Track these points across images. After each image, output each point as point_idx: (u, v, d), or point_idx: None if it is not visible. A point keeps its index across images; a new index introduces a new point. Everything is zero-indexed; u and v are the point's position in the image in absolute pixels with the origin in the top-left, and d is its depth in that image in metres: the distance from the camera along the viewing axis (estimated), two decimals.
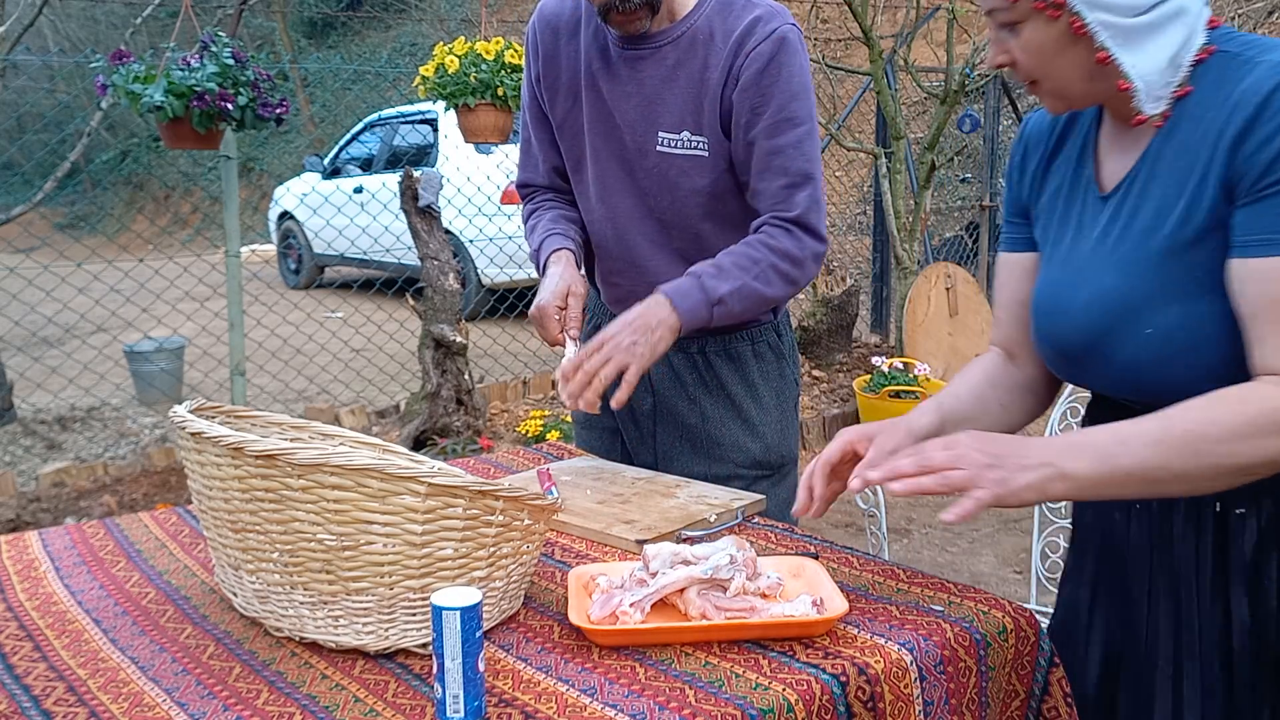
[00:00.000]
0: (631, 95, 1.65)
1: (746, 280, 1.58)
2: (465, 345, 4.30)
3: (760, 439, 1.76)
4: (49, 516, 3.82)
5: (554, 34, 1.73)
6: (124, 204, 17.16)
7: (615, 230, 1.74)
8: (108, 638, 1.12)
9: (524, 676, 1.03)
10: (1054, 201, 1.28)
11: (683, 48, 1.61)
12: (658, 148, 1.65)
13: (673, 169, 1.65)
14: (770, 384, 1.78)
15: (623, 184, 1.70)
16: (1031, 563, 2.19)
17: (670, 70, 1.62)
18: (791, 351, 1.84)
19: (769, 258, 1.59)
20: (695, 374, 1.76)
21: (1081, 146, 1.26)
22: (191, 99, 3.38)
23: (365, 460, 1.01)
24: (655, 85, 1.63)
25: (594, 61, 1.68)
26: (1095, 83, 1.13)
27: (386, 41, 16.47)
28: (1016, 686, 1.16)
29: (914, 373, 4.86)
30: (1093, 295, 1.17)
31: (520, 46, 3.76)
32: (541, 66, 1.75)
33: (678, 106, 1.62)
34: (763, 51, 1.56)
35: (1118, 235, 1.17)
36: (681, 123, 1.63)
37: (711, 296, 1.56)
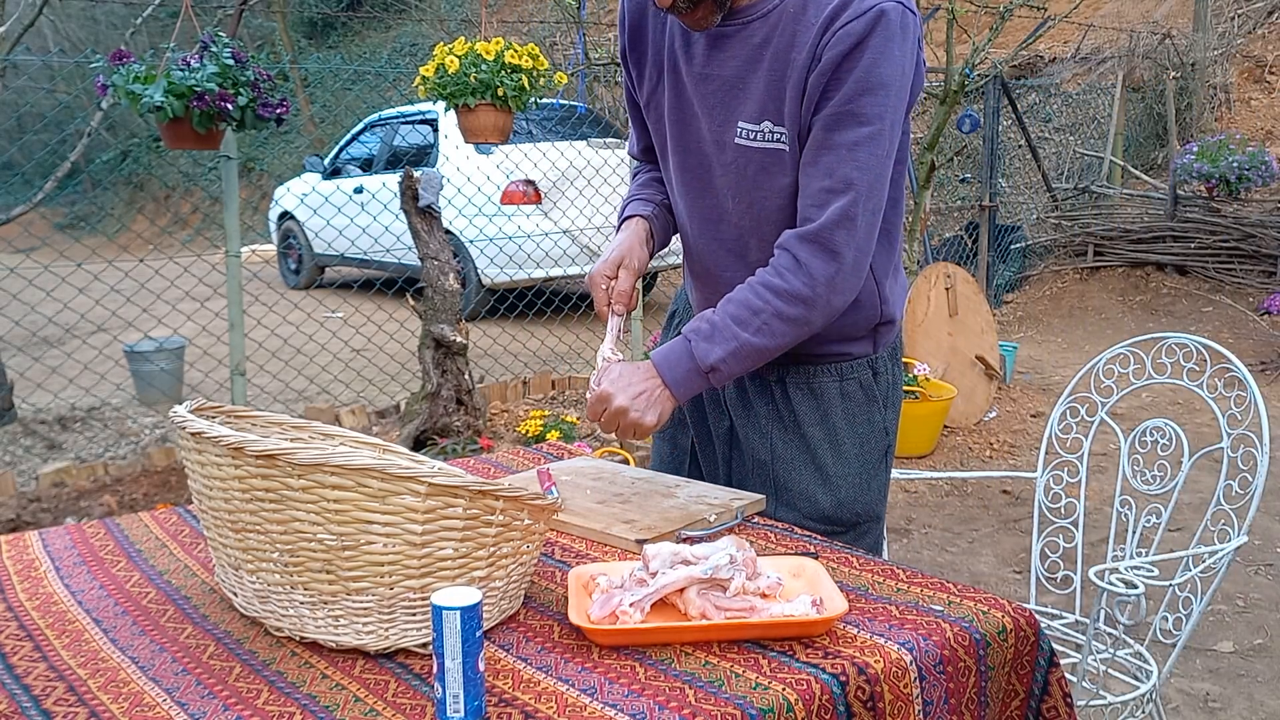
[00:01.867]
0: (711, 78, 1.46)
1: (744, 338, 1.40)
2: (465, 345, 4.30)
3: (833, 492, 1.54)
4: (49, 516, 3.82)
5: (640, 7, 1.55)
6: (124, 204, 17.16)
7: (694, 231, 1.59)
8: (108, 638, 1.12)
9: (524, 676, 1.03)
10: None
11: (771, 23, 1.41)
12: (736, 140, 1.46)
13: (751, 165, 1.46)
14: (856, 430, 1.55)
15: (701, 182, 1.54)
16: (1031, 563, 2.19)
17: (755, 50, 1.42)
18: (890, 394, 1.59)
19: (771, 305, 1.40)
20: (769, 404, 1.57)
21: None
22: (192, 99, 3.38)
23: (365, 460, 1.01)
24: (738, 68, 1.44)
25: (676, 39, 1.50)
26: None
27: (386, 42, 16.46)
28: (1016, 686, 1.16)
29: (913, 373, 4.85)
30: None
31: (520, 47, 3.76)
32: (628, 40, 1.57)
33: (759, 93, 1.42)
34: (853, 30, 1.34)
35: None
36: (763, 111, 1.43)
37: (702, 365, 1.40)
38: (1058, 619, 2.19)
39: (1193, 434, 2.06)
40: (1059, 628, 2.16)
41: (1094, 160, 9.00)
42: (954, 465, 4.72)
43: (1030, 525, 2.27)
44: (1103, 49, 9.75)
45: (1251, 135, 8.76)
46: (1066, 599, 2.23)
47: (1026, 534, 3.75)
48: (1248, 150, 7.20)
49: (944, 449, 4.91)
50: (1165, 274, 7.85)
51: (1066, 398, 2.22)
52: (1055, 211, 8.57)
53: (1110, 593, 1.59)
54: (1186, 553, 1.78)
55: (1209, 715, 2.61)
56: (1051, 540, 2.23)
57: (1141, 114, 9.52)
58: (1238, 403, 1.98)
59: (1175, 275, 7.82)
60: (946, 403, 4.84)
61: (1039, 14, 6.87)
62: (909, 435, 4.78)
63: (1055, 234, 8.41)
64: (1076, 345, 6.92)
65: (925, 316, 5.31)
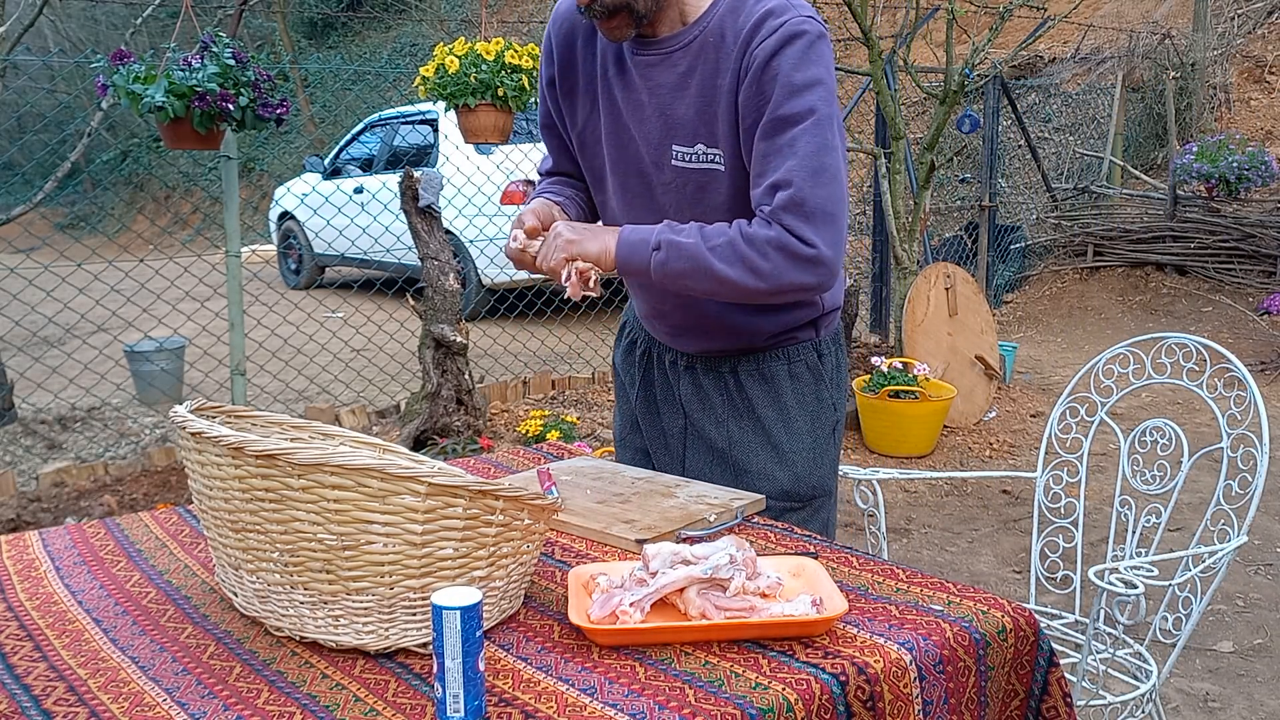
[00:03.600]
0: (645, 104, 1.53)
1: (699, 245, 1.43)
2: (465, 345, 4.30)
3: (789, 468, 1.63)
4: (49, 516, 3.82)
5: (569, 35, 1.60)
6: (124, 204, 17.15)
7: None
8: (108, 637, 1.13)
9: (524, 676, 1.03)
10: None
11: (694, 53, 1.48)
12: (673, 161, 1.52)
13: (690, 184, 1.53)
14: (805, 409, 1.65)
15: (643, 200, 1.59)
16: (1031, 563, 2.19)
17: (681, 78, 1.49)
18: (834, 375, 1.69)
19: (732, 235, 1.43)
20: (724, 395, 1.66)
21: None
22: (192, 99, 3.38)
23: (365, 460, 1.01)
24: (667, 94, 1.51)
25: (609, 66, 1.56)
26: None
27: (387, 42, 16.46)
28: (1016, 686, 1.16)
29: (913, 372, 4.86)
30: None
31: (520, 47, 3.76)
32: (558, 71, 1.63)
33: (691, 117, 1.50)
34: (768, 46, 1.41)
35: None
36: (695, 135, 1.50)
37: (655, 239, 1.44)
38: (1058, 619, 2.19)
39: (1192, 434, 2.06)
40: (1059, 628, 2.16)
41: (1094, 160, 9.00)
42: (954, 465, 4.72)
43: (1030, 525, 2.27)
44: (1102, 49, 9.75)
45: (1251, 135, 8.76)
46: (1066, 599, 2.23)
47: (1026, 534, 3.75)
48: (1247, 150, 7.20)
49: (944, 449, 4.91)
50: (1165, 274, 7.85)
51: (1066, 398, 2.22)
52: (1055, 211, 8.57)
53: (1110, 592, 1.59)
54: (1186, 553, 1.78)
55: (1209, 715, 2.61)
56: (1051, 540, 2.23)
57: (1141, 114, 9.52)
58: (1237, 403, 1.98)
59: (1175, 275, 7.82)
60: (946, 403, 4.84)
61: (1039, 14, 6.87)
62: (909, 435, 4.77)
63: (1055, 234, 8.41)
64: (1076, 345, 6.92)
65: (925, 316, 5.31)
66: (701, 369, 1.66)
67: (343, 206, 7.81)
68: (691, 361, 1.69)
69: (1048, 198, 8.66)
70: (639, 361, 1.79)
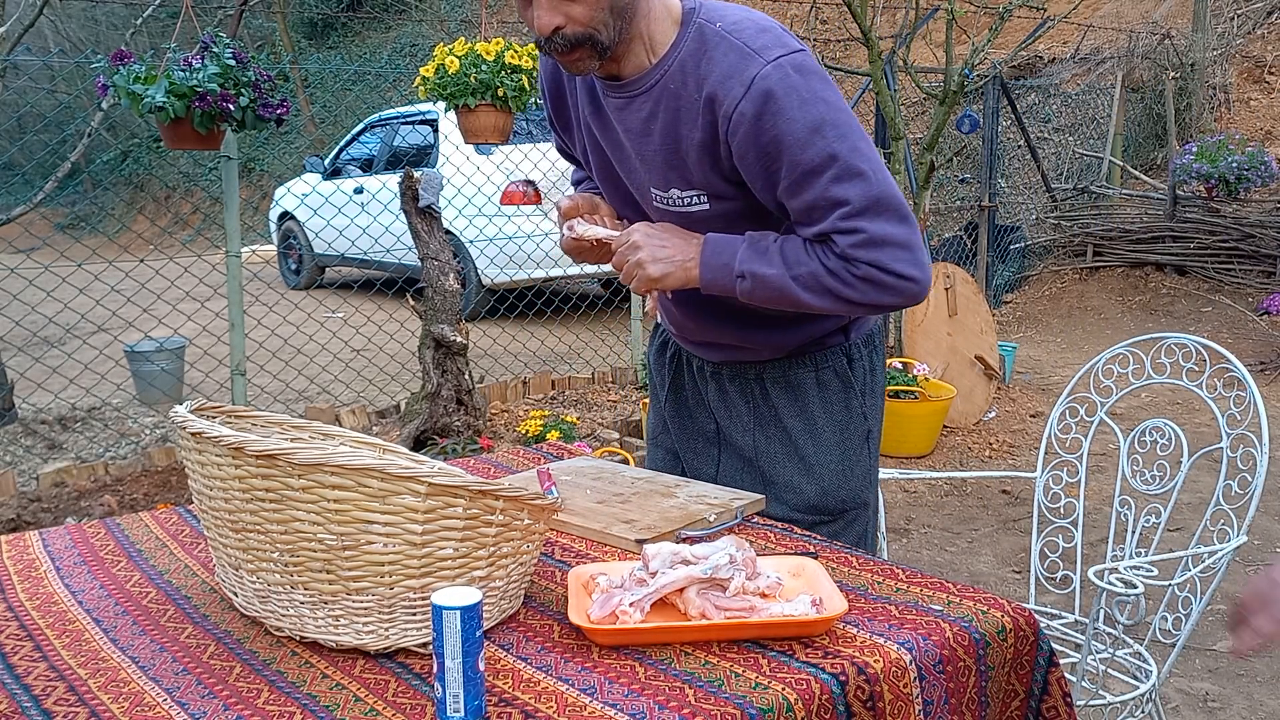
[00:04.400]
0: (619, 145, 1.49)
1: (784, 277, 1.37)
2: (465, 345, 4.30)
3: (816, 480, 1.57)
4: (49, 516, 3.82)
5: (555, 71, 1.57)
6: (125, 204, 17.15)
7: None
8: (108, 637, 1.13)
9: (524, 676, 1.03)
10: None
11: (655, 98, 1.40)
12: (654, 203, 1.49)
13: (678, 222, 1.48)
14: (834, 419, 1.58)
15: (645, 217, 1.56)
16: (1030, 562, 2.19)
17: (644, 123, 1.43)
18: (866, 382, 1.61)
19: (814, 264, 1.37)
20: (750, 403, 1.61)
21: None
22: (192, 100, 3.38)
23: (365, 460, 1.01)
24: (635, 139, 1.45)
25: (585, 106, 1.52)
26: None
27: (387, 42, 16.46)
28: (1016, 686, 1.16)
29: (913, 373, 4.86)
30: None
31: (520, 47, 3.76)
32: (551, 107, 1.61)
33: (660, 164, 1.44)
34: (745, 113, 1.32)
35: None
36: (667, 181, 1.45)
37: (740, 268, 1.39)
38: (1057, 619, 2.19)
39: (1192, 434, 2.06)
40: (1059, 628, 2.16)
41: (1093, 160, 9.00)
42: (953, 465, 4.72)
43: (1030, 525, 2.27)
44: (1102, 49, 9.75)
45: (1251, 135, 8.76)
46: (1066, 599, 2.23)
47: (1026, 534, 3.75)
48: (1247, 150, 7.20)
49: (943, 449, 4.91)
50: (1164, 274, 7.85)
51: (1066, 398, 2.22)
52: (1054, 212, 8.57)
53: (1110, 592, 1.59)
54: (1186, 553, 1.78)
55: (1208, 715, 2.61)
56: (1051, 540, 2.23)
57: (1141, 114, 9.52)
58: (1237, 403, 1.98)
59: (1174, 275, 7.82)
60: (946, 403, 4.84)
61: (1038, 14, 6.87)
62: (909, 435, 4.78)
63: (1054, 234, 8.41)
64: (1076, 345, 6.92)
65: (925, 316, 5.31)
66: (728, 376, 1.63)
67: (343, 207, 7.81)
68: (718, 368, 1.65)
69: (1047, 198, 8.66)
70: (669, 363, 1.75)
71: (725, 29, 1.36)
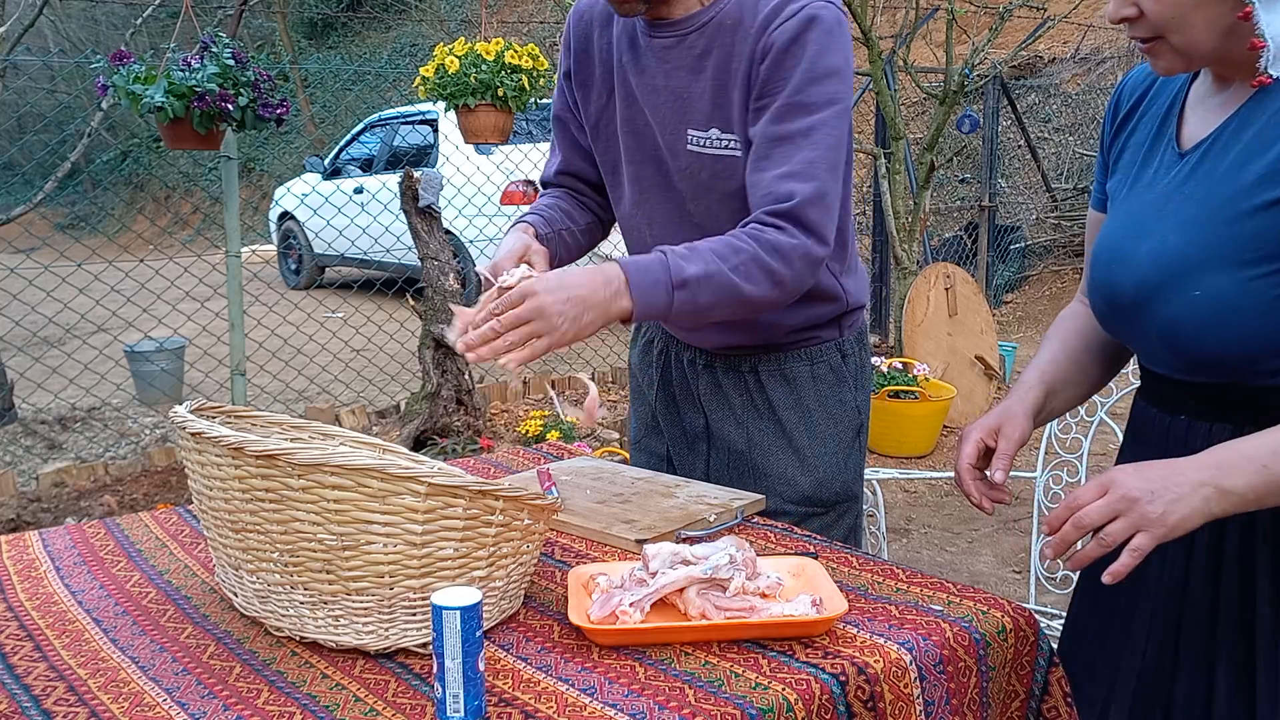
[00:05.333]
0: (660, 89, 1.49)
1: (721, 269, 1.32)
2: None
3: (811, 472, 1.59)
4: (49, 516, 3.82)
5: (586, 26, 1.59)
6: (124, 204, 17.16)
7: (654, 236, 1.58)
8: (108, 637, 1.13)
9: (524, 676, 1.03)
10: (1135, 154, 1.28)
11: (709, 35, 1.44)
12: (688, 147, 1.49)
13: (705, 170, 1.49)
14: (828, 411, 1.60)
15: (658, 188, 1.56)
16: (1031, 562, 2.19)
17: (697, 60, 1.46)
18: (858, 376, 1.65)
19: (753, 249, 1.34)
20: (744, 395, 1.61)
21: (1169, 105, 1.25)
22: (192, 99, 3.39)
23: (365, 460, 1.01)
24: (683, 78, 1.47)
25: (624, 53, 1.53)
26: (1227, 40, 1.11)
27: (387, 42, 16.46)
28: (1016, 686, 1.16)
29: (913, 373, 4.86)
30: (1154, 249, 1.16)
31: (520, 47, 3.76)
32: (574, 62, 1.61)
33: (706, 101, 1.46)
34: (787, 29, 1.37)
35: (1188, 193, 1.16)
36: (710, 119, 1.46)
37: (675, 278, 1.31)
38: (1058, 619, 2.18)
39: None
40: (1059, 628, 2.15)
41: (1093, 160, 8.99)
42: (953, 466, 4.71)
43: (1030, 525, 2.27)
44: (1102, 49, 9.75)
45: None
46: (1066, 599, 2.23)
47: (1026, 534, 3.75)
48: None
49: (944, 449, 4.91)
50: None
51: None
52: (1055, 212, 8.57)
53: None
54: None
55: None
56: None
57: None
58: None
59: None
60: (946, 403, 4.84)
61: (1039, 14, 6.87)
62: (909, 435, 4.78)
63: (1055, 234, 8.41)
64: None
65: (925, 317, 5.31)
66: (721, 368, 1.63)
67: (343, 207, 7.82)
68: (711, 360, 1.65)
69: (1048, 198, 8.66)
70: (656, 360, 1.75)
71: None
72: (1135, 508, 1.04)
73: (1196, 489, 1.04)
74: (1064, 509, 1.08)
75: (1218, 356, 1.12)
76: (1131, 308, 1.19)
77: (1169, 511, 1.04)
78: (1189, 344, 1.14)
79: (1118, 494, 1.05)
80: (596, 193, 1.72)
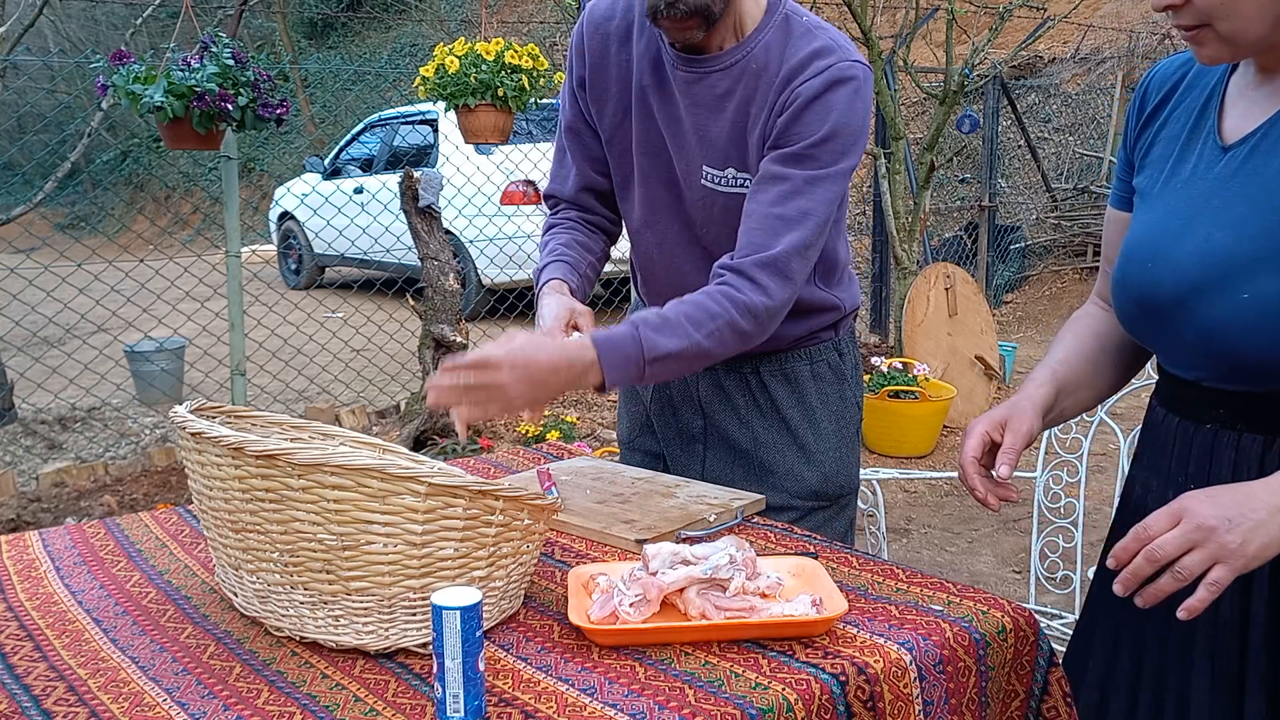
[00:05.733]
0: (681, 121, 1.51)
1: (696, 340, 1.36)
2: (465, 345, 4.30)
3: (818, 468, 1.62)
4: (49, 516, 3.82)
5: (604, 39, 1.58)
6: (124, 204, 17.15)
7: (662, 254, 1.62)
8: (108, 637, 1.13)
9: (524, 676, 1.03)
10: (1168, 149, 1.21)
11: (734, 76, 1.46)
12: (703, 182, 1.52)
13: (717, 204, 1.52)
14: (830, 408, 1.64)
15: (670, 209, 1.57)
16: (1030, 563, 2.19)
17: (718, 100, 1.48)
18: (854, 373, 1.70)
19: (728, 314, 1.38)
20: (747, 394, 1.64)
21: (1207, 98, 1.19)
22: (192, 99, 3.38)
23: (365, 460, 1.01)
24: (702, 114, 1.49)
25: (645, 75, 1.53)
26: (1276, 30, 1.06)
27: (387, 42, 16.46)
28: (1016, 686, 1.16)
29: (913, 373, 4.86)
30: (1198, 247, 1.10)
31: (520, 47, 3.76)
32: (589, 74, 1.59)
33: (723, 140, 1.49)
34: (812, 86, 1.41)
35: (1237, 190, 1.10)
36: (726, 158, 1.49)
37: (647, 354, 1.34)
38: (1058, 619, 2.19)
39: None
40: (1059, 628, 2.16)
41: (1093, 160, 9.00)
42: (954, 465, 4.71)
43: (1030, 525, 2.27)
44: (1102, 49, 9.75)
45: None
46: (1066, 599, 2.23)
47: (1026, 534, 3.75)
48: None
49: (944, 449, 4.91)
50: None
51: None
52: (1055, 212, 8.57)
53: None
54: None
55: None
56: (1051, 540, 2.23)
57: None
58: None
59: None
60: (946, 403, 4.84)
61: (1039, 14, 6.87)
62: (909, 435, 4.78)
63: (1055, 234, 8.41)
64: None
65: (925, 316, 5.31)
66: (723, 369, 1.63)
67: (343, 207, 7.82)
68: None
69: (1047, 198, 8.66)
70: None
71: (811, 23, 1.47)
72: (1212, 538, 0.97)
73: (1274, 514, 0.98)
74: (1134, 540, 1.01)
75: (1261, 362, 1.06)
76: (1168, 308, 1.13)
77: (1248, 540, 0.97)
78: (1232, 348, 1.08)
79: (1193, 523, 0.98)
80: (608, 206, 1.71)
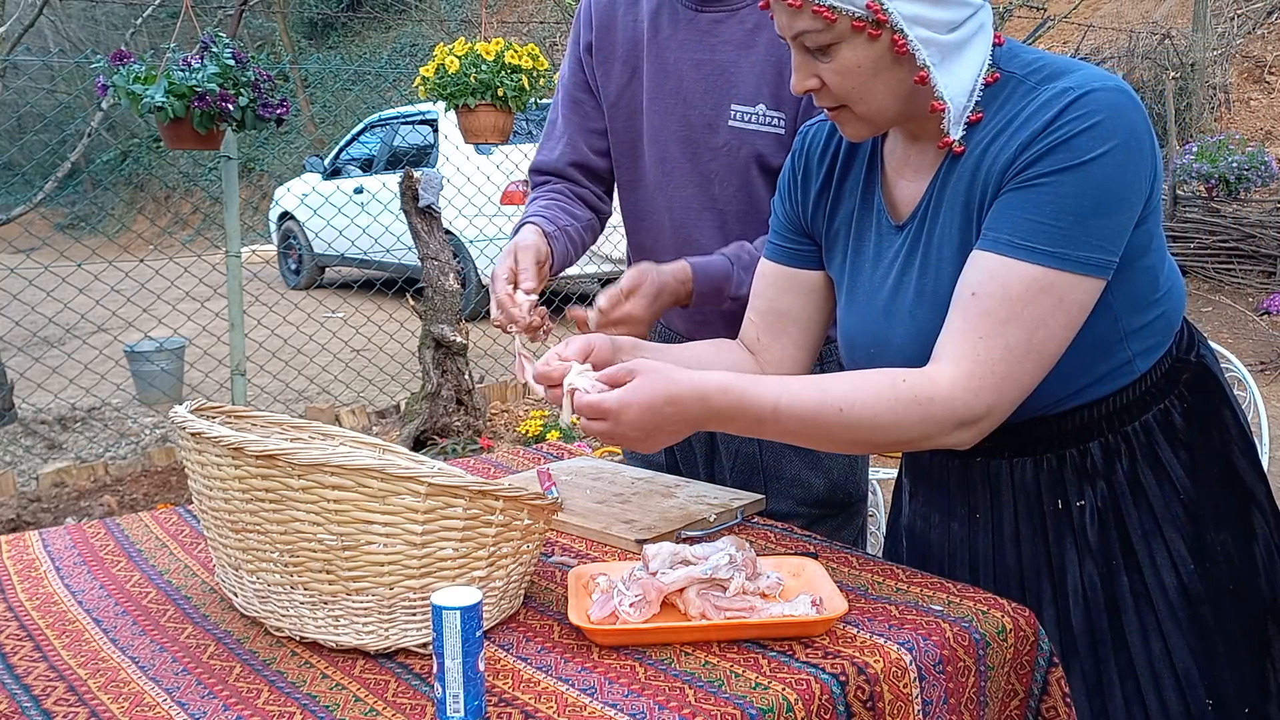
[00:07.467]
0: (702, 63, 1.50)
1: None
2: (465, 345, 4.31)
3: (825, 474, 1.60)
4: (49, 516, 3.82)
5: (610, 3, 1.59)
6: (124, 204, 17.17)
7: (673, 225, 1.59)
8: (108, 637, 1.13)
9: (524, 676, 1.03)
10: (845, 228, 1.27)
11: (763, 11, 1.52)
12: (729, 122, 1.49)
13: (745, 147, 1.50)
14: None
15: (684, 170, 1.56)
16: None
17: (748, 35, 1.47)
18: None
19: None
20: None
21: (867, 171, 1.25)
22: (192, 99, 3.39)
23: (365, 460, 1.01)
24: (730, 51, 1.48)
25: (661, 28, 1.53)
26: (909, 104, 1.12)
27: (387, 42, 16.47)
28: (1015, 686, 1.16)
29: None
30: (908, 328, 1.17)
31: (520, 47, 3.76)
32: (595, 36, 1.59)
33: (754, 76, 1.47)
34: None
35: (918, 268, 1.17)
36: (758, 94, 1.48)
37: (730, 291, 1.45)
38: None
39: None
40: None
41: None
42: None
43: None
44: (1102, 49, 9.75)
45: (1251, 135, 8.76)
46: None
47: None
48: (1247, 150, 7.21)
49: None
50: None
51: None
52: None
53: None
54: None
55: None
56: None
57: None
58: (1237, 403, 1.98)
59: None
60: None
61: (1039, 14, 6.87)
62: None
63: None
64: None
65: None
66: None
67: (343, 207, 7.82)
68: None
69: None
70: None
71: None
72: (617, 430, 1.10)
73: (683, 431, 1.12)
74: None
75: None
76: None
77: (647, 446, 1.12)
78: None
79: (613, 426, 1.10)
80: (597, 183, 1.70)
